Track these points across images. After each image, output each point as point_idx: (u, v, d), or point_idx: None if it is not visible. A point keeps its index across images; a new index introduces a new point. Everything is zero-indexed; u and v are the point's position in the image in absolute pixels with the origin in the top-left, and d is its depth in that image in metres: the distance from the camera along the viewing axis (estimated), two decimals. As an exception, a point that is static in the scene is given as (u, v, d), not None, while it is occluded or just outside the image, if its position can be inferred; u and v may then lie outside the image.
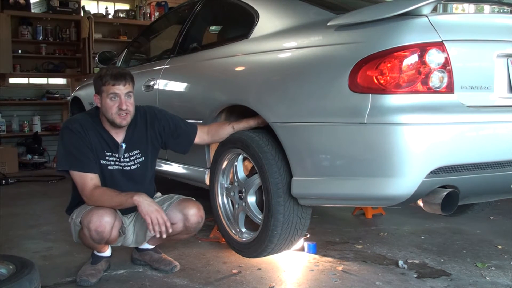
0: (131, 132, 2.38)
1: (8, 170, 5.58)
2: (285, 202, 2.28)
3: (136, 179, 2.38)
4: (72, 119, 2.39)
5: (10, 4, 6.38)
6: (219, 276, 2.37)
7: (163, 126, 2.47)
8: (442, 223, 3.27)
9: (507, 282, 2.29)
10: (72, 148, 2.23)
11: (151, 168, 2.47)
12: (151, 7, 7.50)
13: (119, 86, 2.24)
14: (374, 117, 1.88)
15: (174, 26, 3.78)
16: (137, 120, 2.40)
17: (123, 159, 2.35)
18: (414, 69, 1.88)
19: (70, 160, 2.24)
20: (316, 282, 2.29)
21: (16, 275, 1.82)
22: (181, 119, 2.56)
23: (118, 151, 2.33)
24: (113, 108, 2.25)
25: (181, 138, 2.53)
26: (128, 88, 2.28)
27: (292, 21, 2.47)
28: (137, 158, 2.39)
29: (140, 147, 2.39)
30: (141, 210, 2.12)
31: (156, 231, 2.13)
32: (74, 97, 4.94)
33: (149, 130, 2.43)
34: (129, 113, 2.29)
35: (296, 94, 2.19)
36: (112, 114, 2.26)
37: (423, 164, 1.86)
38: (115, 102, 2.25)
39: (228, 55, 2.73)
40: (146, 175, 2.43)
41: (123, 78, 2.26)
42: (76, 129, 2.26)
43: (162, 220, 2.13)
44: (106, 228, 2.16)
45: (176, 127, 2.50)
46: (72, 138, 2.25)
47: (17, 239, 3.03)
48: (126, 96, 2.26)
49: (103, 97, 2.26)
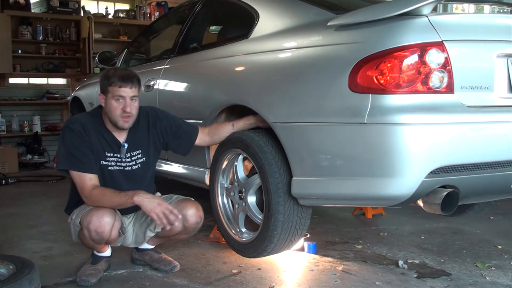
0: (133, 132, 2.38)
1: (8, 170, 5.58)
2: (285, 202, 2.28)
3: (137, 179, 2.38)
4: (73, 118, 2.38)
5: (10, 4, 6.37)
6: (219, 276, 2.37)
7: (165, 126, 2.47)
8: (442, 223, 3.27)
9: (507, 282, 2.29)
10: (73, 148, 2.24)
11: (152, 168, 2.47)
12: (151, 7, 7.50)
13: (126, 88, 2.24)
14: (374, 117, 1.88)
15: (174, 26, 3.78)
16: (140, 121, 2.40)
17: (125, 159, 2.35)
18: (414, 69, 1.88)
19: (70, 159, 2.24)
20: (316, 282, 2.29)
21: (16, 275, 1.82)
22: (182, 121, 2.56)
23: (120, 151, 2.34)
24: (117, 110, 2.25)
25: (182, 139, 2.53)
26: (134, 91, 2.28)
27: (292, 21, 2.47)
28: (139, 158, 2.39)
29: (142, 148, 2.40)
30: (144, 209, 2.12)
31: (166, 223, 2.12)
32: (74, 97, 4.94)
33: (151, 130, 2.43)
34: (132, 116, 2.29)
35: (296, 94, 2.19)
36: (115, 116, 2.26)
37: (423, 164, 1.86)
38: (119, 104, 2.25)
39: (228, 55, 2.73)
40: (147, 176, 2.43)
41: (130, 81, 2.25)
42: (77, 129, 2.26)
43: (168, 210, 2.12)
44: (105, 229, 2.16)
45: (178, 128, 2.51)
46: (73, 138, 2.25)
47: (17, 239, 3.03)
48: (131, 99, 2.27)
49: (108, 97, 2.26)
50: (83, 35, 6.78)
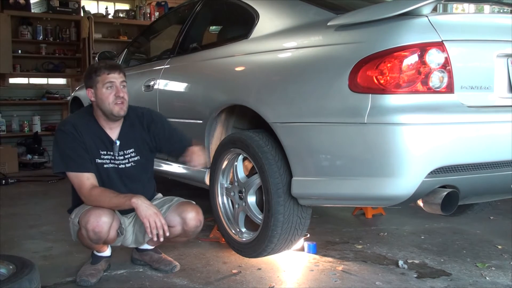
0: (125, 130, 2.37)
1: (8, 170, 5.57)
2: (285, 202, 2.28)
3: (132, 178, 2.38)
4: (65, 120, 2.40)
5: (10, 4, 6.37)
6: (219, 276, 2.37)
7: (158, 131, 2.43)
8: (442, 223, 3.27)
9: (507, 282, 2.29)
10: (67, 149, 2.24)
11: (147, 168, 2.46)
12: (151, 7, 7.50)
13: (114, 74, 2.27)
14: (374, 117, 1.88)
15: (174, 26, 3.78)
16: (134, 120, 2.40)
17: (118, 157, 2.35)
18: (414, 69, 1.88)
19: (66, 161, 2.24)
20: (316, 282, 2.29)
21: (16, 275, 1.82)
22: (177, 130, 2.50)
23: (112, 148, 2.34)
24: (110, 97, 2.26)
25: (175, 144, 2.47)
26: (122, 77, 2.31)
27: (292, 21, 2.47)
28: (132, 156, 2.38)
29: (135, 146, 2.38)
30: (139, 213, 2.12)
31: (154, 234, 2.12)
32: (74, 97, 4.95)
33: (144, 131, 2.41)
34: (125, 101, 2.30)
35: (296, 94, 2.19)
36: (109, 104, 2.26)
37: (423, 164, 1.86)
38: (111, 90, 2.26)
39: (228, 55, 2.73)
40: (142, 175, 2.42)
41: (117, 68, 2.30)
42: (69, 130, 2.26)
43: (160, 223, 2.12)
44: (103, 229, 2.16)
45: (171, 135, 2.46)
46: (66, 140, 2.26)
47: (17, 239, 3.03)
48: (121, 85, 2.29)
49: (98, 88, 2.27)
50: (83, 35, 6.78)
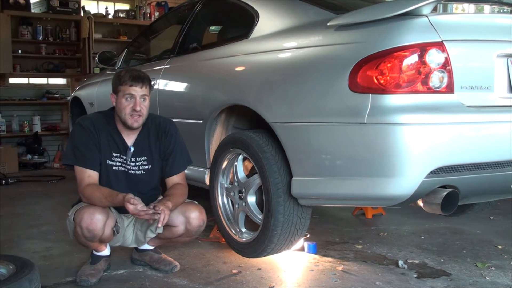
0: (142, 138, 2.39)
1: (8, 170, 5.58)
2: (285, 202, 2.28)
3: (140, 184, 2.38)
4: (86, 116, 2.45)
5: (10, 4, 6.37)
6: (219, 276, 2.37)
7: (166, 143, 2.41)
8: (442, 223, 3.27)
9: (507, 282, 2.29)
10: (80, 143, 2.29)
11: (156, 177, 2.45)
12: (151, 7, 7.49)
13: (136, 87, 2.27)
14: (374, 117, 1.88)
15: (174, 26, 3.78)
16: (150, 129, 2.41)
17: (129, 163, 2.36)
18: (414, 69, 1.88)
19: (76, 155, 2.29)
20: (316, 282, 2.29)
21: (16, 275, 1.82)
22: (180, 154, 2.44)
23: (126, 153, 2.36)
24: (127, 108, 2.28)
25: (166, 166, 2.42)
26: (144, 91, 2.30)
27: (292, 21, 2.47)
28: (143, 165, 2.39)
29: (148, 155, 2.39)
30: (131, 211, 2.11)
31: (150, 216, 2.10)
32: (74, 97, 4.94)
33: (158, 140, 2.41)
34: (142, 115, 2.31)
35: (296, 94, 2.19)
36: (125, 115, 2.28)
37: (423, 164, 1.86)
38: (129, 102, 2.27)
39: (228, 55, 2.73)
40: (150, 183, 2.42)
41: (140, 81, 2.28)
42: (87, 126, 2.31)
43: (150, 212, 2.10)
44: (97, 226, 2.16)
45: (170, 154, 2.41)
46: (82, 134, 2.30)
47: (17, 239, 3.03)
48: (141, 98, 2.29)
49: (119, 96, 2.30)
50: (83, 35, 6.78)
